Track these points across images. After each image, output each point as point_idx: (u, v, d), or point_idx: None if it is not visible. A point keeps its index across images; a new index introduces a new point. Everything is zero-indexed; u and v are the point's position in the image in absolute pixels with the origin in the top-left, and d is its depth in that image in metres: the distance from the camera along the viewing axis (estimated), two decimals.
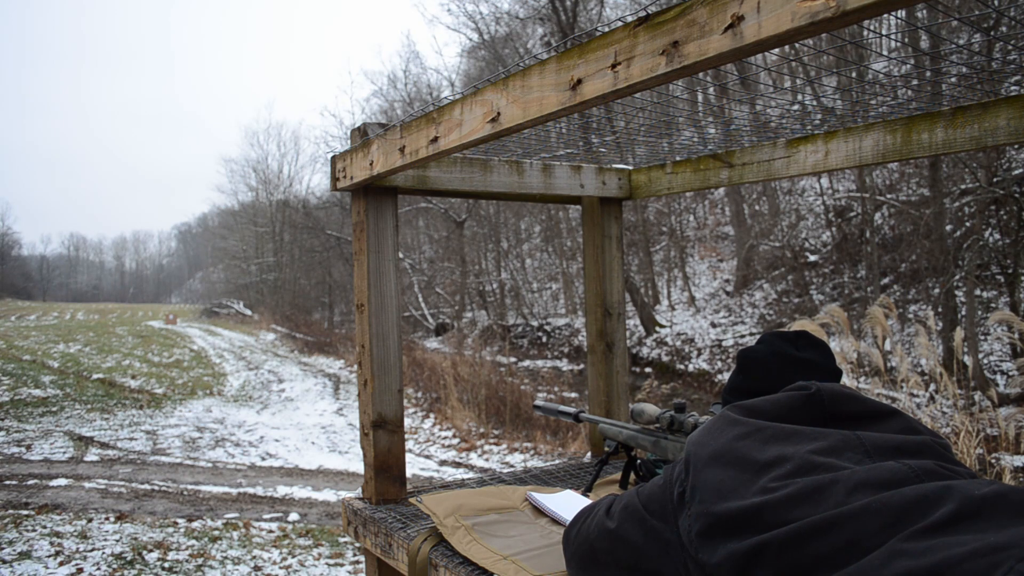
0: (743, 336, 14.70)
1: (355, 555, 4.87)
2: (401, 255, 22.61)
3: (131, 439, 9.03)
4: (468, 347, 15.88)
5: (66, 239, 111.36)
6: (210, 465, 7.81)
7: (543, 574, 1.48)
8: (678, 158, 2.53)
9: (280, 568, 4.62)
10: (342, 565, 4.71)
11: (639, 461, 1.99)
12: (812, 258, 15.97)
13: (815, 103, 2.98)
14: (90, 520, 5.56)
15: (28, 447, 8.36)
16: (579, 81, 1.21)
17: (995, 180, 10.14)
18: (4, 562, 4.50)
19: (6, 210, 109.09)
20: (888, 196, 13.85)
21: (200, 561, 4.67)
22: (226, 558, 4.77)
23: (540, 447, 8.19)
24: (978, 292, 10.86)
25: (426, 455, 8.43)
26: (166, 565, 4.58)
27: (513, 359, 16.27)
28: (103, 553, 4.75)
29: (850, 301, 13.56)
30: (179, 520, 5.67)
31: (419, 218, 25.94)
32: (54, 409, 10.81)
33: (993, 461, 5.11)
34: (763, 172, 2.26)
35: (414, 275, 24.15)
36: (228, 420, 10.64)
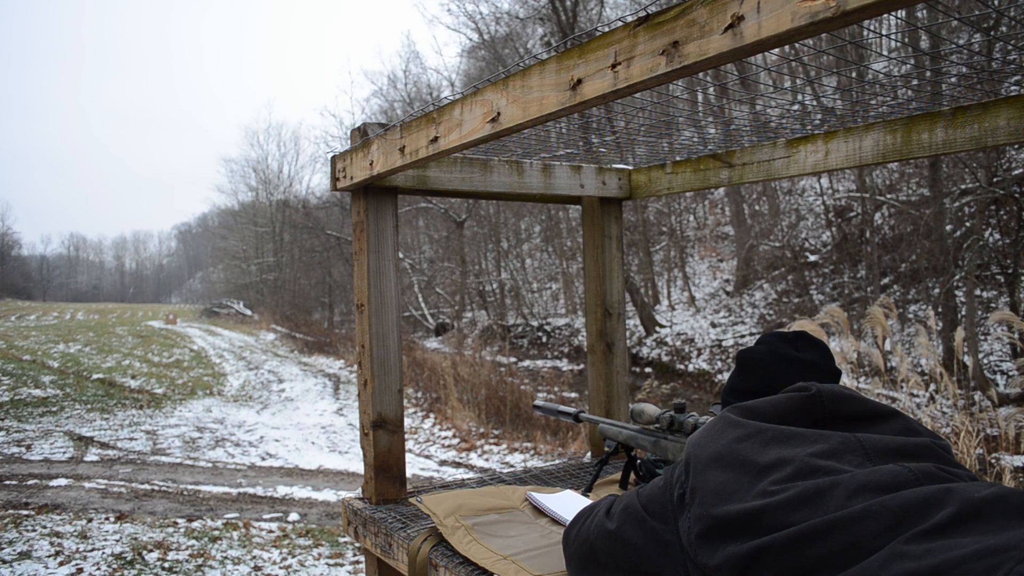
0: (743, 336, 14.70)
1: (355, 555, 4.87)
2: (401, 255, 22.61)
3: (131, 439, 9.03)
4: (468, 347, 15.88)
5: (66, 239, 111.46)
6: (210, 465, 7.81)
7: (543, 574, 1.48)
8: (678, 158, 2.53)
9: (280, 568, 4.62)
10: (342, 565, 4.71)
11: (639, 461, 1.99)
12: (812, 258, 15.96)
13: (815, 103, 2.98)
14: (90, 520, 5.56)
15: (28, 447, 8.36)
16: (579, 81, 1.21)
17: (995, 180, 10.14)
18: (4, 562, 4.50)
19: (6, 210, 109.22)
20: (888, 196, 13.84)
21: (200, 561, 4.67)
22: (226, 558, 4.76)
23: (540, 447, 8.18)
24: (978, 292, 10.86)
25: (426, 455, 8.43)
26: (166, 565, 4.58)
27: (513, 359, 16.26)
28: (103, 553, 4.75)
29: (850, 301, 13.56)
30: (179, 520, 5.67)
31: (419, 218, 25.94)
32: (54, 409, 10.81)
33: (993, 461, 5.11)
34: (763, 172, 2.26)
35: (414, 275, 24.15)
36: (228, 420, 10.64)
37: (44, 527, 5.32)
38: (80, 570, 4.45)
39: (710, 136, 2.45)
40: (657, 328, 16.84)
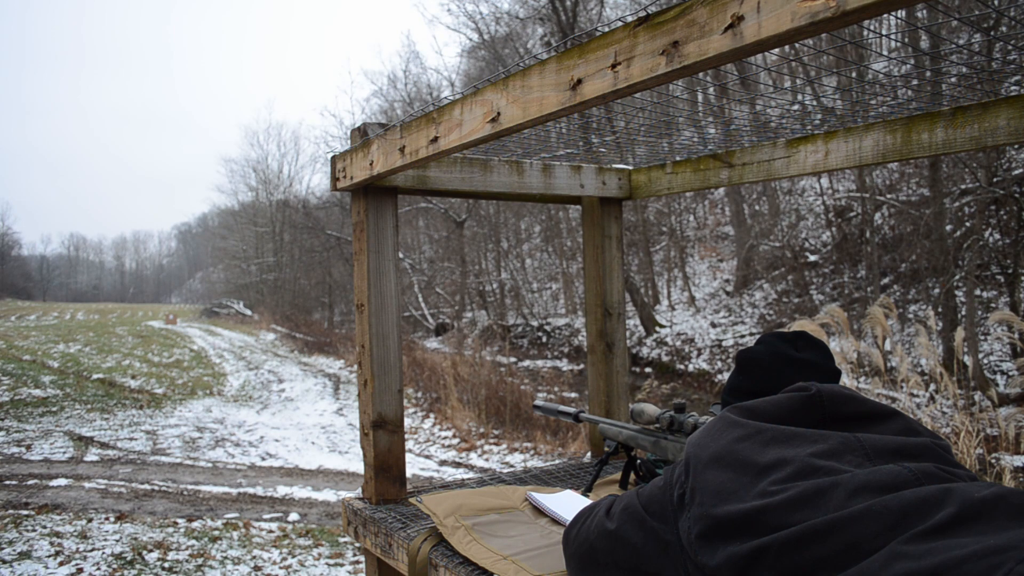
0: (743, 336, 14.70)
1: (355, 555, 4.87)
2: (401, 255, 22.60)
3: (131, 439, 9.03)
4: (468, 347, 15.87)
5: (66, 239, 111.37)
6: (210, 465, 7.81)
7: (543, 574, 1.48)
8: (678, 158, 2.53)
9: (280, 568, 4.62)
10: (342, 565, 4.71)
11: (639, 461, 1.99)
12: (812, 258, 15.97)
13: (815, 103, 2.98)
14: (90, 520, 5.56)
15: (28, 447, 8.36)
16: (579, 81, 1.21)
17: (995, 180, 10.14)
18: (4, 562, 4.50)
19: (6, 210, 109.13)
20: (888, 196, 13.84)
21: (200, 561, 4.67)
22: (226, 558, 4.76)
23: (540, 447, 8.18)
24: (978, 292, 10.86)
25: (426, 455, 8.43)
26: (166, 565, 4.58)
27: (513, 359, 16.26)
28: (103, 553, 4.75)
29: (850, 301, 13.56)
30: (179, 520, 5.67)
31: (419, 218, 25.94)
32: (54, 409, 10.81)
33: (993, 461, 5.11)
34: (763, 172, 2.26)
35: (414, 275, 24.14)
36: (228, 420, 10.64)
37: (44, 527, 5.32)
38: (80, 570, 4.45)
39: (710, 136, 2.45)
40: (657, 328, 16.84)
